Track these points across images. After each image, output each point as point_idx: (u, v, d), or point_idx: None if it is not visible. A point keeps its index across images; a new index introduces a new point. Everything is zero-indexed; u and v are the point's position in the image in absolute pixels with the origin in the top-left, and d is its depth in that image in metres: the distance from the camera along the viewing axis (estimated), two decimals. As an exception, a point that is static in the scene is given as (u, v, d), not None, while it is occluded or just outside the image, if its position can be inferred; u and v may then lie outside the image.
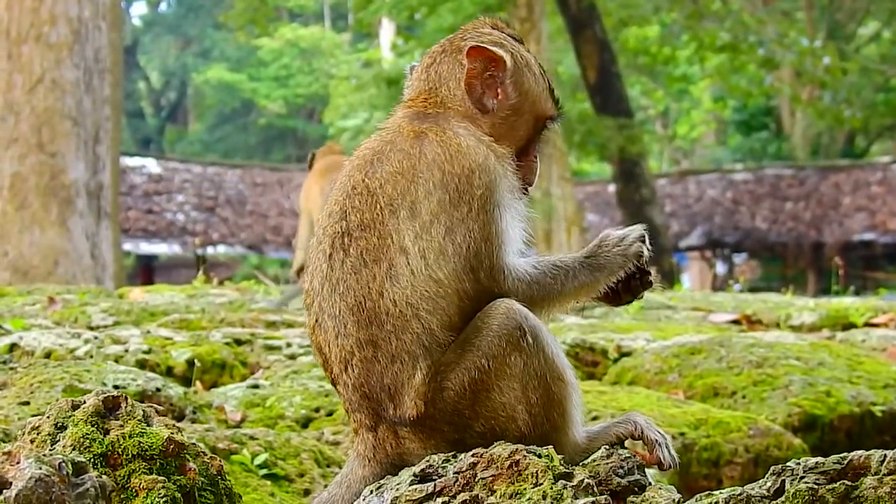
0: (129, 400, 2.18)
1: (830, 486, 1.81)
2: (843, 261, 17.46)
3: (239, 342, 4.94)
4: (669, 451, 2.22)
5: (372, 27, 36.63)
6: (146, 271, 32.79)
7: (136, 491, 2.03)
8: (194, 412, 3.67)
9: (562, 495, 1.88)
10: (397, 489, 2.00)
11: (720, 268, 32.93)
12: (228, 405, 3.80)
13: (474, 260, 2.14)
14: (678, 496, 1.94)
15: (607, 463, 2.04)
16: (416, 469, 2.03)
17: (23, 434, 2.16)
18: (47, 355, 4.28)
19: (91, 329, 5.47)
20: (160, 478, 2.06)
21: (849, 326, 6.46)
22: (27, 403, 3.29)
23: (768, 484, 1.88)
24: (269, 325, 5.83)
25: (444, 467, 2.01)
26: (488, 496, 1.92)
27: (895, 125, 36.70)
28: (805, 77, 27.95)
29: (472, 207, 2.14)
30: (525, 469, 1.94)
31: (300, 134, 48.82)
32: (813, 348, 4.79)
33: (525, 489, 1.91)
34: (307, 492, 3.01)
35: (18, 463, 1.89)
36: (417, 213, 2.14)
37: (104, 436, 2.09)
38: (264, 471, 3.02)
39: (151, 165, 31.72)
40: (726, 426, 3.76)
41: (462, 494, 1.93)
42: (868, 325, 6.34)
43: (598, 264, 2.26)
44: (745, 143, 38.01)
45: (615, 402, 3.87)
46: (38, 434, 2.12)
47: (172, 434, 2.14)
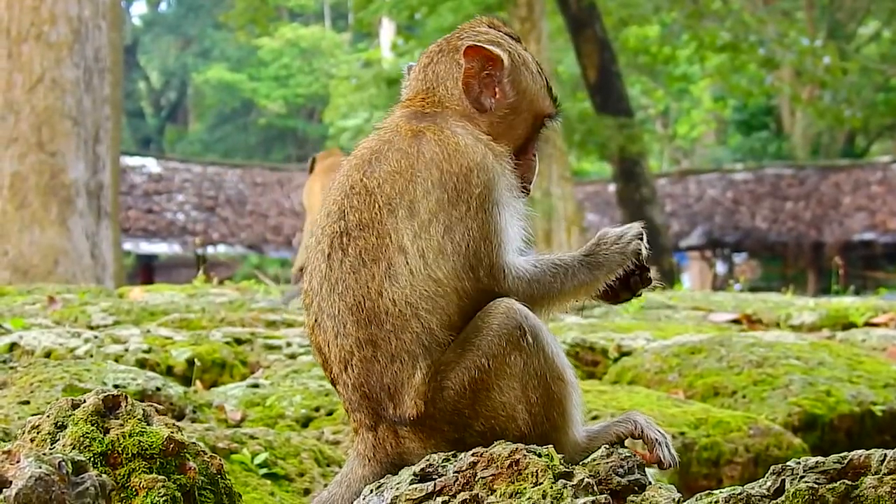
0: (129, 399, 2.18)
1: (830, 486, 1.81)
2: (844, 260, 17.48)
3: (239, 341, 4.94)
4: (669, 451, 2.21)
5: (372, 27, 36.64)
6: (146, 271, 32.78)
7: (136, 490, 2.03)
8: (194, 411, 3.67)
9: (562, 494, 1.88)
10: (397, 488, 2.00)
11: (720, 267, 32.91)
12: (228, 404, 3.80)
13: (473, 259, 2.13)
14: (678, 495, 1.94)
15: (607, 462, 2.04)
16: (416, 468, 2.03)
17: (23, 433, 2.16)
18: (47, 355, 4.28)
19: (91, 328, 5.47)
20: (160, 477, 2.06)
21: (849, 326, 6.47)
22: (27, 403, 3.29)
23: (768, 483, 1.87)
24: (269, 325, 5.83)
25: (444, 466, 2.01)
26: (488, 495, 1.92)
27: (895, 125, 36.69)
28: (805, 77, 27.96)
29: (471, 206, 2.14)
30: (525, 468, 1.94)
31: (300, 134, 48.83)
32: (813, 348, 4.79)
33: (525, 488, 1.91)
34: (307, 491, 3.01)
35: (18, 462, 1.89)
36: (416, 213, 2.13)
37: (104, 435, 2.09)
38: (264, 470, 3.02)
39: (151, 165, 31.72)
40: (726, 426, 3.76)
41: (462, 494, 1.93)
42: (868, 325, 6.35)
43: (597, 262, 2.26)
44: (746, 143, 38.01)
45: (615, 402, 3.87)
46: (38, 433, 2.12)
47: (172, 433, 2.14)
